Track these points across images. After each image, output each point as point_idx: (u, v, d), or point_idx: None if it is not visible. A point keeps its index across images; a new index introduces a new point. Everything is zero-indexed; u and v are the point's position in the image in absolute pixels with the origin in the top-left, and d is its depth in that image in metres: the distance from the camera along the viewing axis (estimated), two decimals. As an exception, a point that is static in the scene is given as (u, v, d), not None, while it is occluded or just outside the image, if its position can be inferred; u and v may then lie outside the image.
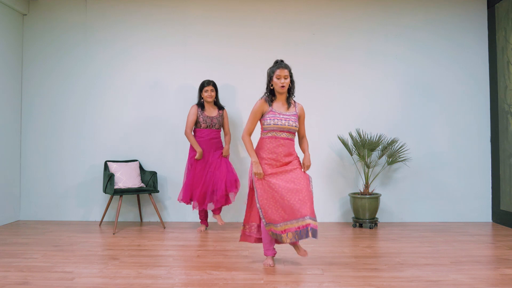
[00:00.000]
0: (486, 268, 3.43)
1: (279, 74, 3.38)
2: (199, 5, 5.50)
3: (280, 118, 3.40)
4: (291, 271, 3.34)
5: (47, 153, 5.48)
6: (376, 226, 5.04)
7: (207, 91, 4.75)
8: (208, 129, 4.80)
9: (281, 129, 3.40)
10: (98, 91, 5.49)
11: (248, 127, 3.51)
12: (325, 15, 5.49)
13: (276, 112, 3.42)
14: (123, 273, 3.28)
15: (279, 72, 3.38)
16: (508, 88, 5.05)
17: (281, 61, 3.47)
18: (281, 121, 3.39)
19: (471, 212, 5.38)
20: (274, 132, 3.41)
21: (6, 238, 4.46)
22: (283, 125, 3.39)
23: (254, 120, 3.49)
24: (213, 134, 4.81)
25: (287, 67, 3.42)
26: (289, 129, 3.41)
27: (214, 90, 4.80)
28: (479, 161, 5.41)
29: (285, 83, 3.39)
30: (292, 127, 3.41)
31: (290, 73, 3.43)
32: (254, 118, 3.48)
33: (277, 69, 3.40)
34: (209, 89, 4.76)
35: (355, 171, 5.41)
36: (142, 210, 5.44)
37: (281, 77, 3.38)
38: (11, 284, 3.03)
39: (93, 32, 5.51)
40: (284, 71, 3.39)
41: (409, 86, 5.45)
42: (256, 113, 3.46)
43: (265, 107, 3.45)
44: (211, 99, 4.78)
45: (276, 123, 3.39)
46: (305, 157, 3.52)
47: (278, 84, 3.39)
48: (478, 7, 5.48)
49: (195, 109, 4.80)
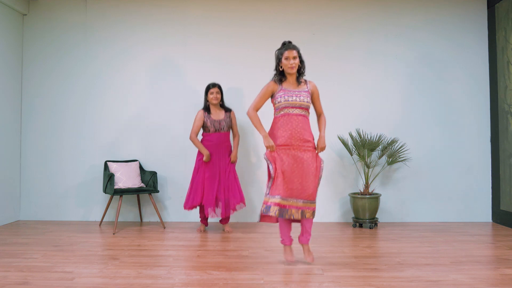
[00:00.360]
0: (486, 268, 3.43)
1: (287, 55, 3.40)
2: (199, 5, 5.51)
3: (290, 94, 3.42)
4: (291, 271, 3.34)
5: (47, 153, 5.48)
6: (376, 226, 5.05)
7: (212, 93, 4.72)
8: (217, 133, 4.73)
9: (292, 105, 3.40)
10: (98, 91, 5.49)
11: (255, 103, 3.51)
12: (325, 15, 5.49)
13: (286, 90, 3.44)
14: (123, 273, 3.28)
15: (287, 53, 3.41)
16: (508, 88, 5.05)
17: (289, 42, 3.49)
18: (292, 97, 3.40)
19: (471, 212, 5.38)
20: (286, 109, 3.41)
21: (6, 238, 4.46)
22: (294, 100, 3.39)
23: (262, 97, 3.50)
24: (222, 137, 4.74)
25: (295, 48, 3.43)
26: (300, 105, 3.40)
27: (220, 93, 4.76)
28: (479, 161, 5.41)
29: (294, 64, 3.41)
30: (304, 103, 3.40)
31: (298, 53, 3.45)
32: (263, 95, 3.50)
33: (285, 50, 3.42)
34: (214, 91, 4.72)
35: (355, 171, 5.41)
36: (142, 210, 5.44)
37: (289, 58, 3.40)
38: (11, 284, 3.03)
39: (93, 32, 5.51)
40: (292, 52, 3.40)
41: (409, 86, 5.45)
42: (265, 91, 3.49)
43: (275, 87, 3.49)
44: (216, 101, 4.74)
45: (287, 99, 3.40)
46: (319, 138, 3.48)
47: (287, 65, 3.41)
48: (478, 7, 5.48)
49: (202, 113, 4.74)
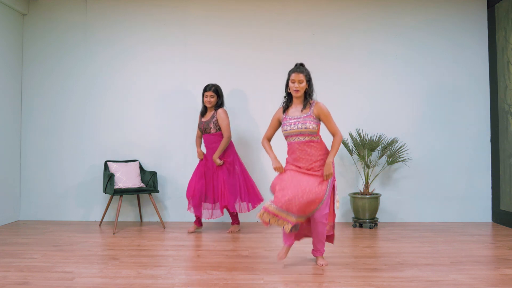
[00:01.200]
0: (486, 268, 3.43)
1: (293, 78, 3.40)
2: (199, 5, 5.51)
3: (289, 123, 3.42)
4: (291, 271, 3.34)
5: (47, 153, 5.48)
6: (376, 226, 5.04)
7: (206, 97, 4.66)
8: (205, 134, 4.72)
9: (291, 134, 3.40)
10: (98, 91, 5.49)
11: (266, 133, 3.66)
12: (325, 15, 5.49)
13: (287, 118, 3.45)
14: (123, 273, 3.28)
15: (294, 76, 3.40)
16: (508, 88, 5.05)
17: (300, 65, 3.48)
18: (290, 126, 3.41)
19: (471, 212, 5.38)
20: (288, 138, 3.45)
21: (6, 238, 4.46)
22: (292, 129, 3.40)
23: (270, 126, 3.62)
24: (209, 139, 4.69)
25: (302, 71, 3.41)
26: (300, 132, 3.38)
27: (215, 96, 4.66)
28: (479, 161, 5.41)
29: (299, 88, 3.39)
30: (303, 130, 3.37)
31: (307, 77, 3.42)
32: (271, 125, 3.62)
33: (293, 73, 3.42)
34: (208, 94, 4.65)
35: (355, 171, 5.41)
36: (142, 210, 5.44)
37: (295, 82, 3.40)
38: (11, 284, 3.03)
39: (93, 32, 5.51)
40: (299, 76, 3.38)
41: (409, 86, 5.45)
42: (273, 120, 3.61)
43: (280, 114, 3.53)
44: (209, 104, 4.67)
45: (285, 129, 3.43)
46: (325, 165, 3.38)
47: (292, 88, 3.42)
48: (478, 7, 5.48)
49: (199, 116, 4.83)
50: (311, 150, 3.39)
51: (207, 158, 4.74)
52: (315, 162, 3.40)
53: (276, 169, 3.45)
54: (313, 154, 3.40)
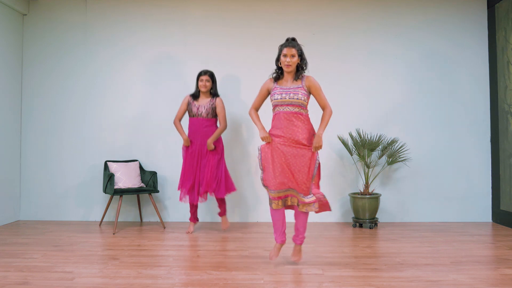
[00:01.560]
0: (486, 268, 3.43)
1: (285, 52, 3.39)
2: (199, 5, 5.51)
3: (279, 92, 3.41)
4: (291, 271, 3.34)
5: (47, 153, 5.48)
6: (376, 226, 5.04)
7: (202, 81, 4.68)
8: (195, 117, 4.71)
9: (282, 103, 3.39)
10: (98, 91, 5.49)
11: (253, 102, 3.63)
12: (325, 15, 5.49)
13: (278, 88, 3.44)
14: (123, 273, 3.28)
15: (285, 50, 3.39)
16: (508, 88, 5.05)
17: (291, 39, 3.47)
18: (282, 94, 3.39)
19: (471, 212, 5.38)
20: (278, 107, 3.42)
21: (6, 238, 4.46)
22: (284, 98, 3.38)
23: (259, 96, 3.58)
24: (200, 123, 4.68)
25: (294, 45, 3.40)
26: (291, 102, 3.37)
27: (210, 81, 4.70)
28: (479, 161, 5.41)
29: (290, 62, 3.38)
30: (294, 100, 3.36)
31: (299, 52, 3.41)
32: (259, 94, 3.58)
33: (285, 47, 3.40)
34: (204, 78, 4.68)
35: (355, 171, 5.41)
36: (142, 210, 5.44)
37: (287, 56, 3.38)
38: (11, 284, 3.03)
39: (93, 32, 5.51)
40: (291, 50, 3.37)
41: (409, 86, 5.45)
42: (261, 90, 3.56)
43: (270, 84, 3.51)
44: (205, 89, 4.69)
45: (276, 98, 3.41)
46: (315, 136, 3.40)
47: (283, 62, 3.40)
48: (478, 7, 5.48)
49: (187, 98, 4.77)
50: (298, 122, 3.39)
51: (194, 142, 4.70)
52: (300, 134, 3.37)
53: (263, 138, 3.40)
54: (299, 126, 3.38)
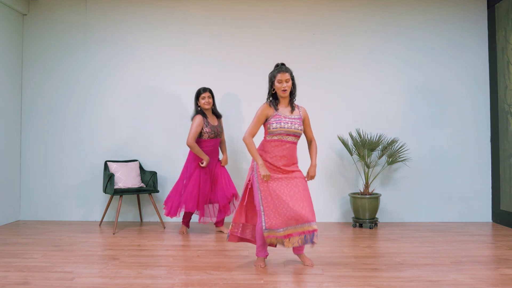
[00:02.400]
0: (486, 268, 3.43)
1: (280, 78, 3.37)
2: (199, 5, 5.51)
3: (286, 121, 3.39)
4: (291, 271, 3.34)
5: (47, 153, 5.48)
6: (376, 226, 5.04)
7: (204, 98, 4.57)
8: (214, 139, 4.65)
9: (287, 133, 3.38)
10: (98, 91, 5.49)
11: (251, 129, 3.44)
12: (325, 15, 5.49)
13: (281, 116, 3.41)
14: (123, 273, 3.28)
15: (280, 76, 3.37)
16: (508, 88, 5.05)
17: (282, 65, 3.45)
18: (287, 124, 3.38)
19: (471, 212, 5.38)
20: (280, 135, 3.39)
21: (6, 238, 4.46)
22: (289, 128, 3.38)
23: (257, 123, 3.44)
24: (217, 143, 4.73)
25: (287, 70, 3.39)
26: (294, 133, 3.40)
27: (211, 97, 4.63)
28: (479, 161, 5.41)
29: (286, 87, 3.38)
30: (297, 131, 3.40)
31: (291, 76, 3.40)
32: (258, 121, 3.44)
33: (278, 73, 3.38)
34: (206, 95, 4.57)
35: (355, 171, 5.41)
36: (142, 210, 5.44)
37: (282, 81, 3.37)
38: (11, 284, 3.03)
39: (93, 32, 5.51)
40: (285, 75, 3.36)
41: (409, 86, 5.45)
42: (260, 116, 3.42)
43: (269, 111, 3.43)
44: (208, 106, 4.59)
45: (282, 126, 3.38)
46: (311, 167, 3.53)
47: (280, 88, 3.38)
48: (478, 7, 5.48)
49: (201, 119, 4.54)
50: (294, 151, 3.45)
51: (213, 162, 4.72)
52: (293, 164, 3.45)
53: (264, 177, 3.32)
54: (294, 155, 3.46)
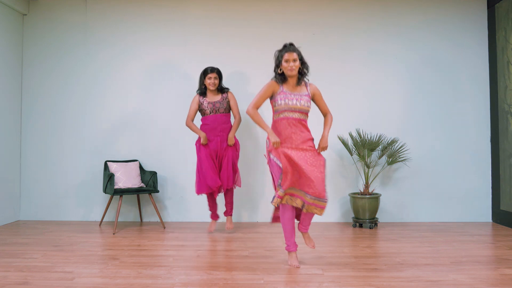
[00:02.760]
0: (486, 268, 3.43)
1: (287, 57, 3.37)
2: (199, 5, 5.51)
3: (291, 98, 3.38)
4: (291, 271, 3.34)
5: (47, 153, 5.48)
6: (376, 226, 5.04)
7: (210, 79, 4.57)
8: (213, 114, 4.60)
9: (292, 109, 3.38)
10: (98, 91, 5.49)
11: (255, 100, 3.44)
12: (325, 15, 5.49)
13: (287, 93, 3.40)
14: (123, 273, 3.28)
15: (287, 56, 3.37)
16: (508, 88, 5.05)
17: (290, 45, 3.45)
18: (292, 101, 3.38)
19: (471, 212, 5.38)
20: (286, 112, 3.39)
21: (6, 238, 4.46)
22: (294, 105, 3.37)
23: (262, 95, 3.43)
24: (218, 119, 4.60)
25: (295, 50, 3.40)
26: (300, 109, 3.38)
27: (218, 78, 4.62)
28: (479, 161, 5.41)
29: (294, 66, 3.38)
30: (303, 107, 3.38)
31: (300, 55, 3.42)
32: (263, 94, 3.43)
33: (285, 52, 3.39)
34: (212, 76, 4.57)
35: (355, 171, 5.41)
36: (142, 210, 5.44)
37: (289, 61, 3.37)
38: (11, 284, 3.03)
39: (93, 32, 5.51)
40: (292, 55, 3.37)
41: (409, 86, 5.45)
42: (266, 90, 3.43)
43: (276, 87, 3.43)
44: (213, 87, 4.59)
45: (287, 103, 3.37)
46: (321, 138, 3.49)
47: (287, 67, 3.38)
48: (478, 7, 5.48)
49: (197, 97, 4.65)
50: (303, 128, 3.41)
51: (211, 139, 4.62)
52: (307, 140, 3.40)
53: (275, 143, 3.32)
54: (304, 132, 3.41)
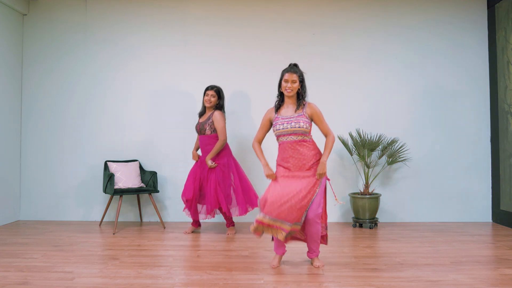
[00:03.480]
0: (486, 268, 3.43)
1: (286, 78, 3.39)
2: (199, 5, 5.51)
3: (281, 122, 3.40)
4: (291, 271, 3.34)
5: (47, 153, 5.48)
6: (376, 226, 5.04)
7: (207, 95, 4.60)
8: (201, 135, 4.65)
9: (284, 133, 3.39)
10: (98, 91, 5.49)
11: (256, 135, 3.60)
12: (325, 15, 5.49)
13: (280, 118, 3.43)
14: (123, 273, 3.28)
15: (287, 76, 3.39)
16: (508, 88, 5.05)
17: (293, 65, 3.47)
18: (283, 124, 3.39)
19: (471, 212, 5.38)
20: (281, 137, 3.42)
21: (6, 238, 4.46)
22: (285, 128, 3.38)
23: (262, 128, 3.57)
24: (204, 140, 4.61)
25: (296, 71, 3.40)
26: (294, 131, 3.37)
27: (215, 96, 4.61)
28: (479, 161, 5.41)
29: (292, 88, 3.38)
30: (296, 129, 3.36)
31: (300, 78, 3.41)
32: (262, 126, 3.57)
33: (286, 72, 3.40)
34: (209, 93, 4.60)
35: (355, 171, 5.41)
36: (142, 210, 5.44)
37: (288, 81, 3.39)
38: (11, 284, 3.03)
39: (93, 32, 5.51)
40: (292, 76, 3.37)
41: (409, 86, 5.45)
42: (264, 121, 3.56)
43: (271, 115, 3.50)
44: (209, 104, 4.61)
45: (278, 128, 3.41)
46: (319, 164, 3.36)
47: (284, 87, 3.41)
48: (478, 7, 5.48)
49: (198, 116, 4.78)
50: (303, 149, 3.38)
51: (202, 160, 4.68)
52: (308, 162, 3.37)
53: (268, 176, 3.42)
54: (305, 153, 3.38)
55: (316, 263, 3.47)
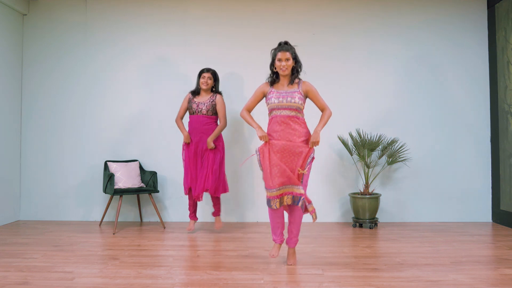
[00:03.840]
0: (486, 268, 3.43)
1: (280, 57, 3.42)
2: (199, 5, 5.51)
3: (276, 96, 3.42)
4: (291, 271, 3.34)
5: (47, 153, 5.48)
6: (376, 226, 5.04)
7: (203, 78, 4.65)
8: (195, 115, 4.67)
9: (279, 107, 3.40)
10: (98, 91, 5.49)
11: (246, 103, 3.61)
12: (325, 15, 5.49)
13: (274, 92, 3.46)
14: (123, 273, 3.28)
15: (280, 55, 3.42)
16: (508, 88, 5.05)
17: (284, 43, 3.49)
18: (279, 98, 3.41)
19: (471, 212, 5.38)
20: (275, 111, 3.43)
21: (6, 238, 4.46)
22: (281, 102, 3.40)
23: (253, 98, 3.58)
24: (199, 120, 4.64)
25: (288, 49, 3.42)
26: (288, 106, 3.38)
27: (212, 79, 4.68)
28: (479, 161, 5.41)
29: (286, 66, 3.41)
30: (291, 103, 3.38)
31: (293, 54, 3.44)
32: (253, 96, 3.58)
33: (279, 52, 3.43)
34: (206, 76, 4.65)
35: (355, 171, 5.41)
36: (142, 210, 5.44)
37: (282, 60, 3.41)
38: (11, 284, 3.03)
39: (93, 32, 5.51)
40: (285, 54, 3.40)
41: (409, 86, 5.45)
42: (256, 92, 3.56)
43: (266, 88, 3.53)
44: (205, 86, 4.65)
45: (273, 101, 3.42)
46: (313, 132, 3.41)
47: (279, 66, 3.43)
48: (478, 7, 5.48)
49: (187, 96, 4.76)
50: (295, 125, 3.40)
51: (193, 140, 4.68)
52: (298, 137, 3.39)
53: (262, 137, 3.40)
54: (296, 129, 3.40)
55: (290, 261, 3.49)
